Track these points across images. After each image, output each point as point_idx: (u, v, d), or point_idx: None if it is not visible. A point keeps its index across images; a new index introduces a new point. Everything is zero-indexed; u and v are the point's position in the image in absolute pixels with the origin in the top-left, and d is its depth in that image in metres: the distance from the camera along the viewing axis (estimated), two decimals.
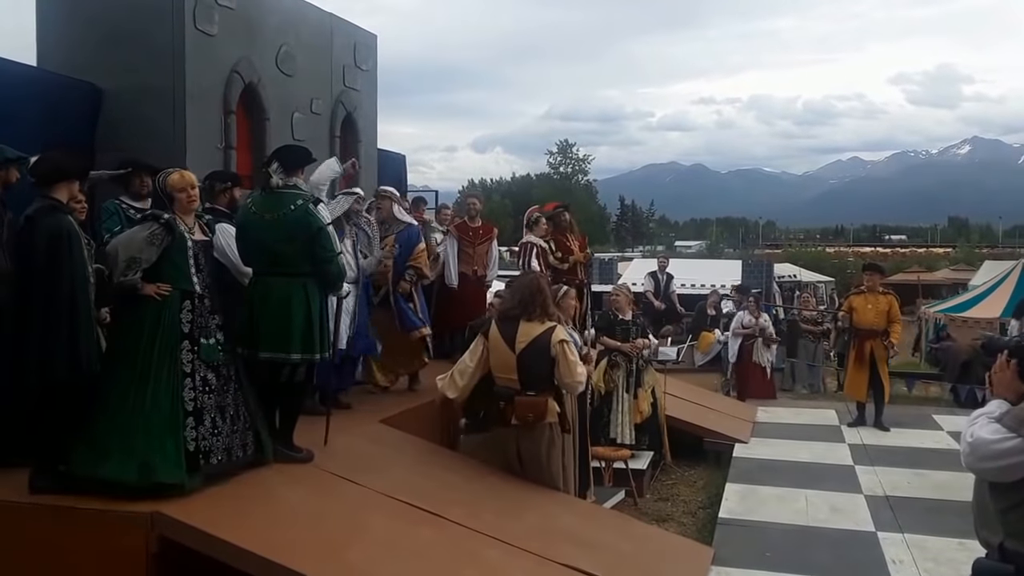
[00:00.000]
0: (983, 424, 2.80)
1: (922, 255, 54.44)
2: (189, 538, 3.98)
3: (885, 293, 9.95)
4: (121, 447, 4.17)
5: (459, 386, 5.78)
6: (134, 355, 4.30)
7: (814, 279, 33.60)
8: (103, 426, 4.23)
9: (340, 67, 7.94)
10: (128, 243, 4.36)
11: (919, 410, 10.90)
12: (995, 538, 2.80)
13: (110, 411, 4.25)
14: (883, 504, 6.65)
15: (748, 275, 19.78)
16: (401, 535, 4.64)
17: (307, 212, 5.11)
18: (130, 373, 4.28)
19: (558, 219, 9.10)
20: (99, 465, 4.14)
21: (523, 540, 4.88)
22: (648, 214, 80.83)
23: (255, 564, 3.88)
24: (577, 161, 69.60)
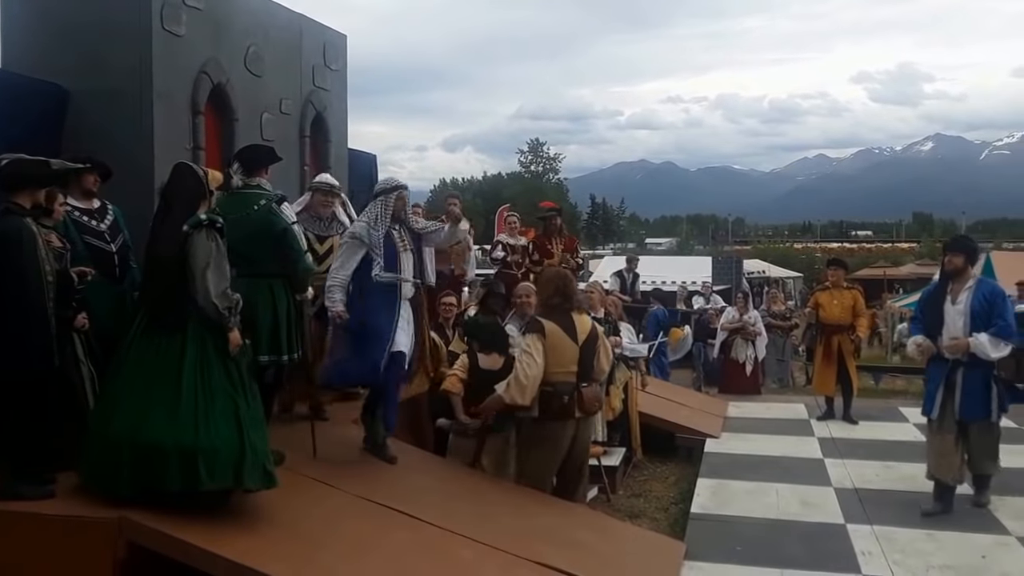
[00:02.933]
0: None
1: (888, 250, 55.27)
2: (157, 543, 3.95)
3: (850, 288, 10.11)
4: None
5: (531, 391, 5.57)
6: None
7: (783, 275, 34.01)
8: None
9: (309, 67, 7.90)
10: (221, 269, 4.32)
11: (887, 403, 11.07)
12: None
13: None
14: (852, 496, 6.74)
15: (718, 272, 19.98)
16: (375, 537, 4.64)
17: (270, 212, 5.09)
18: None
19: (548, 222, 9.14)
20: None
21: (497, 539, 4.90)
22: (619, 212, 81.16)
23: (224, 568, 3.86)
24: (548, 160, 69.75)
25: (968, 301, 6.11)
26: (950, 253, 6.38)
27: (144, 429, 4.07)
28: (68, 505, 4.09)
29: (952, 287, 6.26)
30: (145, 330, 4.31)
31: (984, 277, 6.68)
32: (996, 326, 6.03)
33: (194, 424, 4.08)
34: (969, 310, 6.08)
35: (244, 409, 4.24)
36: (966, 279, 6.26)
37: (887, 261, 42.05)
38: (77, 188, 5.09)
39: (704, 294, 16.07)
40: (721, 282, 18.72)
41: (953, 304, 6.17)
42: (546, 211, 9.56)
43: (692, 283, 17.63)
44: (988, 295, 6.16)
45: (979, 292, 6.16)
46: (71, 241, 4.81)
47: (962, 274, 6.27)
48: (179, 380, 4.14)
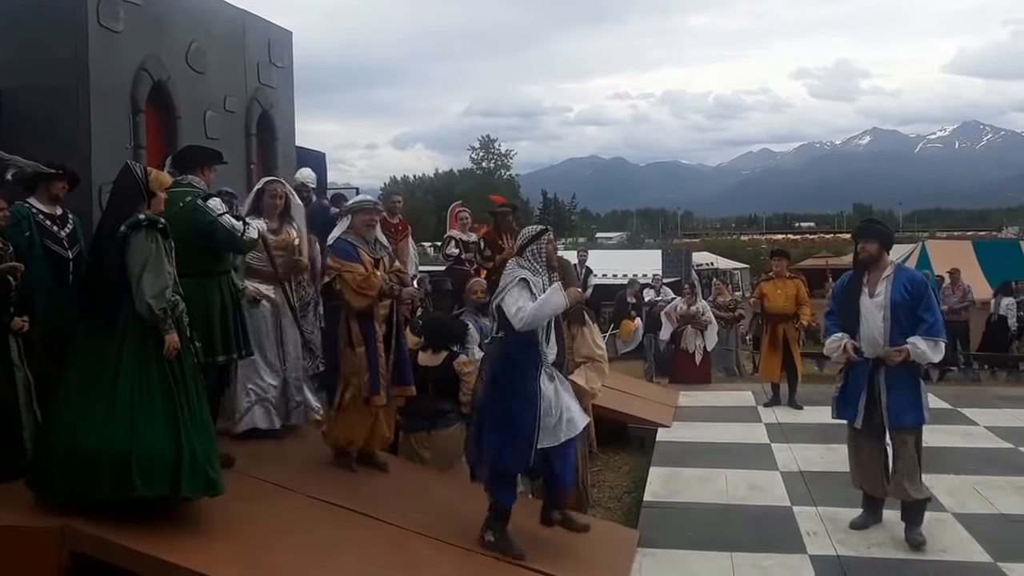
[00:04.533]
0: None
1: (830, 241, 56.18)
2: (101, 550, 3.88)
3: (792, 278, 10.37)
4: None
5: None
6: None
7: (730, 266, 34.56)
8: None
9: (254, 64, 7.82)
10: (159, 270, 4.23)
11: (830, 387, 11.25)
12: None
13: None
14: (798, 479, 6.91)
15: (668, 264, 20.23)
16: (331, 537, 4.62)
17: (195, 208, 5.03)
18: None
19: (501, 218, 9.15)
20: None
21: (454, 535, 4.92)
22: (570, 207, 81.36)
23: (171, 573, 3.81)
24: (499, 156, 69.70)
25: (887, 293, 5.45)
26: (863, 240, 5.68)
27: (78, 435, 3.97)
28: (7, 514, 4.00)
29: (868, 278, 5.60)
30: (86, 333, 4.22)
31: (903, 264, 5.87)
32: (926, 323, 5.36)
33: (129, 430, 3.97)
34: (889, 303, 5.43)
35: (185, 413, 4.14)
36: (883, 268, 5.56)
37: (829, 251, 42.73)
38: (45, 193, 5.13)
39: (654, 286, 16.25)
40: (671, 274, 18.96)
41: (871, 297, 5.51)
42: (499, 207, 9.58)
43: (643, 276, 17.82)
44: (909, 285, 5.46)
45: (898, 282, 5.48)
46: (12, 242, 4.73)
47: (878, 263, 5.58)
48: (115, 384, 4.04)
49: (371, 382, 5.38)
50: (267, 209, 5.94)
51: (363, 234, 5.57)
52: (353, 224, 5.56)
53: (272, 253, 5.83)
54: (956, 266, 15.10)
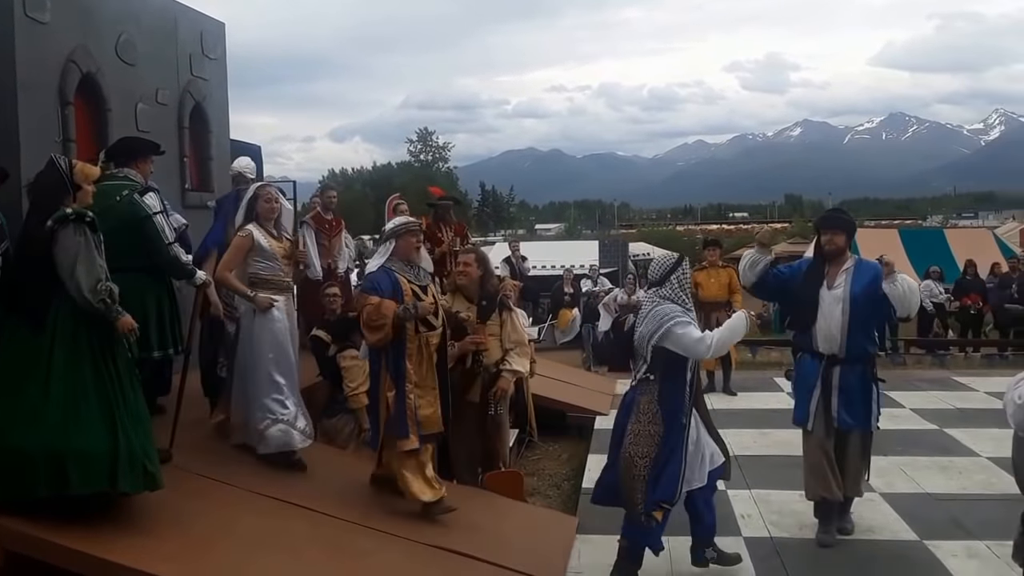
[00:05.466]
0: (1019, 385, 3.01)
1: None
2: (37, 549, 3.82)
3: (725, 267, 10.60)
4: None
5: None
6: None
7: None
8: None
9: (186, 55, 7.69)
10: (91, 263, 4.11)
11: (763, 374, 11.59)
12: None
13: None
14: (732, 463, 7.07)
15: (605, 255, 20.43)
16: (271, 531, 4.62)
17: (131, 202, 4.97)
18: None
19: (441, 210, 9.14)
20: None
21: (395, 526, 4.96)
22: (508, 199, 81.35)
23: (109, 571, 3.77)
24: (437, 149, 69.26)
25: (847, 286, 5.27)
26: (830, 231, 5.44)
27: (9, 433, 3.88)
28: None
29: (828, 269, 5.39)
30: (14, 329, 4.11)
31: (864, 258, 5.63)
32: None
33: (63, 426, 3.90)
34: (848, 295, 5.26)
35: (121, 408, 4.08)
36: (843, 260, 5.39)
37: None
38: None
39: (591, 277, 16.44)
40: (608, 265, 19.17)
41: (830, 289, 5.32)
42: (440, 199, 9.58)
43: (580, 267, 18.00)
44: (873, 281, 5.29)
45: (860, 277, 5.32)
46: None
47: (841, 254, 5.41)
48: (47, 381, 3.95)
49: (398, 424, 5.01)
50: (264, 215, 5.52)
51: (407, 259, 5.20)
52: (396, 249, 5.17)
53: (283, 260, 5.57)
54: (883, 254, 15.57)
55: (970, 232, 27.97)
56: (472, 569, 4.72)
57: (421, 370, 5.09)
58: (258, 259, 5.41)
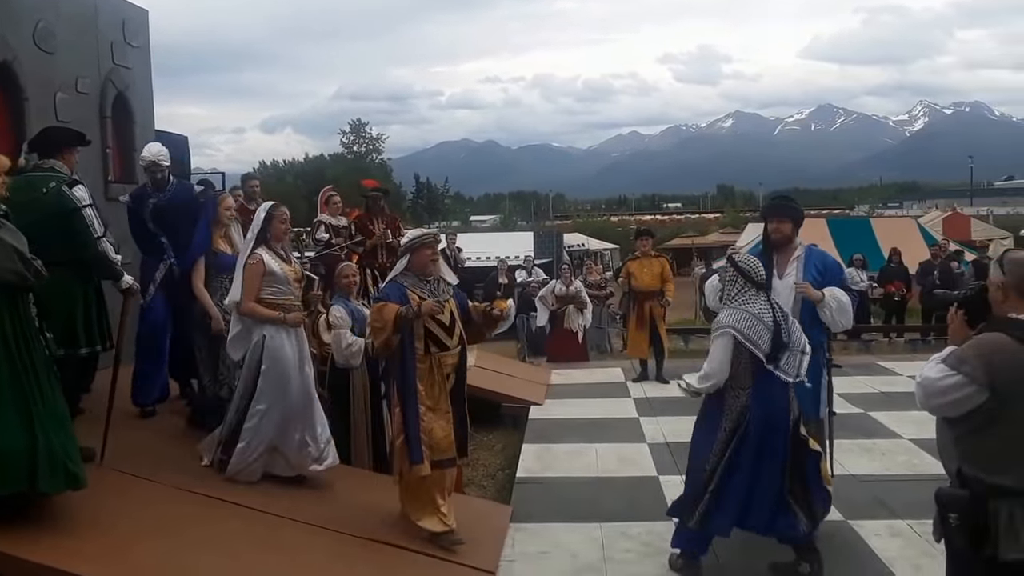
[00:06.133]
0: (931, 366, 3.04)
1: (695, 221, 58.47)
2: None
3: (658, 256, 10.76)
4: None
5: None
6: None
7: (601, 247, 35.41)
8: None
9: (108, 44, 7.48)
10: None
11: (695, 362, 11.72)
12: (952, 465, 3.07)
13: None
14: (664, 450, 7.21)
15: (540, 246, 20.52)
16: (199, 528, 4.55)
17: (59, 194, 4.84)
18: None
19: (373, 202, 9.06)
20: None
21: (328, 520, 4.92)
22: (443, 191, 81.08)
23: (26, 572, 3.68)
24: (371, 140, 68.42)
25: (798, 274, 5.26)
26: (776, 220, 5.41)
27: None
28: None
29: (778, 258, 5.36)
30: None
31: (813, 245, 5.56)
32: (839, 280, 5.32)
33: None
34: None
35: (39, 406, 3.95)
36: (793, 248, 5.36)
37: (695, 231, 44.52)
38: None
39: (526, 268, 16.52)
40: (543, 256, 19.27)
41: (780, 278, 5.28)
42: (369, 190, 9.52)
43: (515, 258, 18.09)
44: (822, 269, 5.29)
45: (810, 263, 5.31)
46: None
47: (788, 243, 5.39)
48: None
49: (411, 448, 4.73)
50: (276, 235, 5.31)
51: (423, 273, 4.93)
52: (411, 263, 4.92)
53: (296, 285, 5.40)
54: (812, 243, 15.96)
55: (895, 221, 28.89)
56: (406, 561, 4.70)
57: (434, 392, 4.81)
58: (270, 284, 5.21)
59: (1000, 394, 2.89)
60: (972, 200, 61.96)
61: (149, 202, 6.12)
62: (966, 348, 2.98)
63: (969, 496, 2.95)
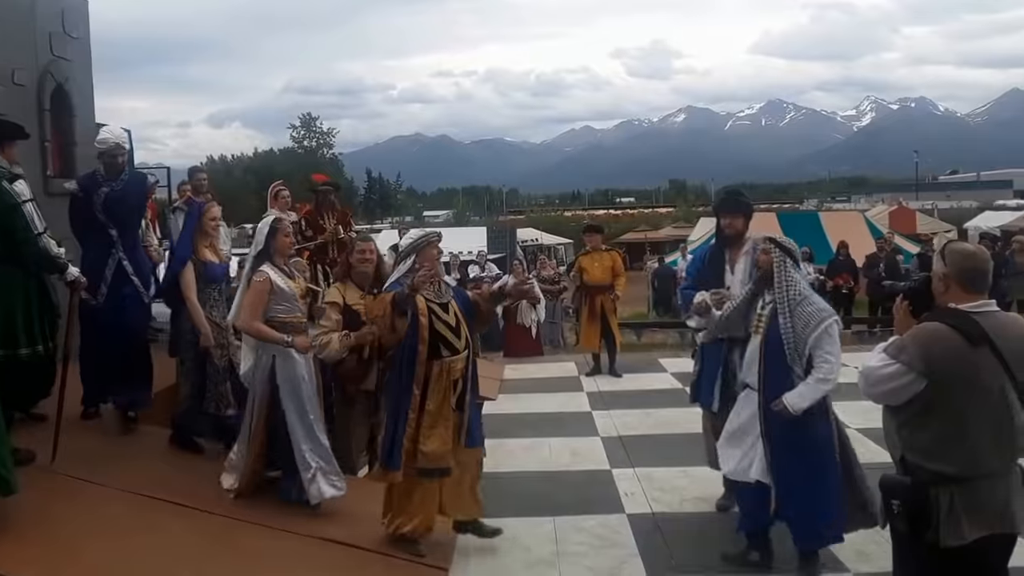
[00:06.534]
0: (872, 356, 3.10)
1: (648, 215, 58.75)
2: None
3: (608, 250, 10.80)
4: None
5: None
6: None
7: (554, 242, 35.49)
8: None
9: (45, 35, 7.27)
10: None
11: (648, 356, 11.90)
12: (896, 453, 3.12)
13: None
14: (617, 444, 7.26)
15: (493, 241, 20.45)
16: (147, 530, 4.47)
17: None
18: None
19: (323, 197, 8.92)
20: None
21: (276, 520, 4.87)
22: (396, 186, 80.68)
23: None
24: (321, 135, 67.75)
25: (749, 268, 5.33)
26: (728, 215, 5.47)
27: None
28: None
29: (730, 253, 5.46)
30: None
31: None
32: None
33: None
34: (751, 278, 5.20)
35: None
36: (745, 243, 5.44)
37: (648, 225, 44.82)
38: None
39: (479, 263, 16.48)
40: (496, 251, 19.23)
41: (733, 272, 5.39)
42: (320, 185, 9.38)
43: (468, 253, 18.03)
44: None
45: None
46: None
47: (740, 237, 5.46)
48: None
49: (386, 452, 4.63)
50: (280, 250, 5.17)
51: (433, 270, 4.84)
52: (417, 263, 4.77)
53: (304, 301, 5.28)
54: None
55: (843, 215, 29.41)
56: (361, 560, 4.67)
57: (437, 398, 4.63)
58: (277, 303, 5.06)
59: (937, 383, 2.95)
60: (918, 194, 63.32)
61: (101, 191, 5.66)
62: (906, 337, 3.04)
63: (911, 483, 3.01)
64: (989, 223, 29.77)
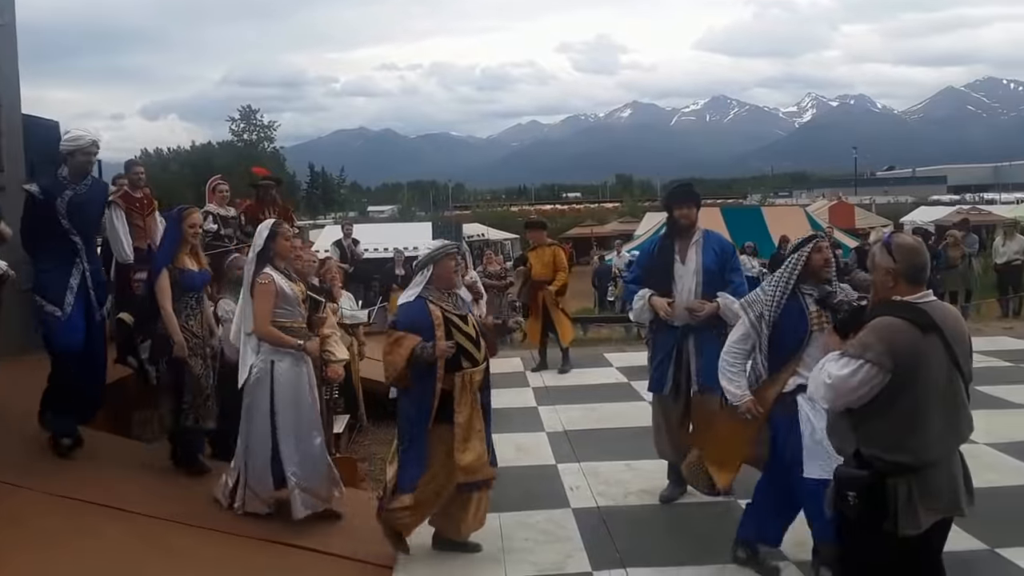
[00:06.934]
0: (832, 363, 3.08)
1: (595, 210, 59.15)
2: None
3: (551, 246, 10.76)
4: None
5: None
6: None
7: (501, 237, 35.47)
8: None
9: None
10: None
11: (594, 350, 11.92)
12: (850, 447, 3.10)
13: None
14: (562, 439, 7.24)
15: (439, 236, 20.36)
16: (77, 534, 4.33)
17: None
18: None
19: (264, 192, 8.74)
20: None
21: (214, 522, 4.78)
22: (339, 180, 79.51)
23: None
24: (262, 128, 66.25)
25: (699, 258, 5.43)
26: (684, 206, 5.51)
27: None
28: None
29: (679, 244, 5.52)
30: None
31: (708, 229, 5.73)
32: (733, 284, 5.42)
33: None
34: (701, 268, 5.43)
35: None
36: (693, 233, 5.51)
37: (594, 220, 45.07)
38: None
39: None
40: None
41: (684, 263, 5.46)
42: (260, 179, 9.20)
43: (413, 248, 17.88)
44: (719, 251, 5.51)
45: (708, 247, 5.50)
46: None
47: (693, 227, 5.53)
48: None
49: (400, 476, 4.61)
50: (281, 254, 5.06)
51: (450, 284, 4.76)
52: (435, 276, 4.68)
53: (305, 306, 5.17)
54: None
55: (784, 209, 29.96)
56: (304, 560, 4.61)
57: (466, 411, 4.58)
58: (280, 306, 4.95)
59: (900, 374, 2.98)
60: (856, 189, 64.76)
61: (65, 194, 5.22)
62: (865, 336, 3.05)
63: (869, 475, 3.02)
64: (924, 218, 30.64)
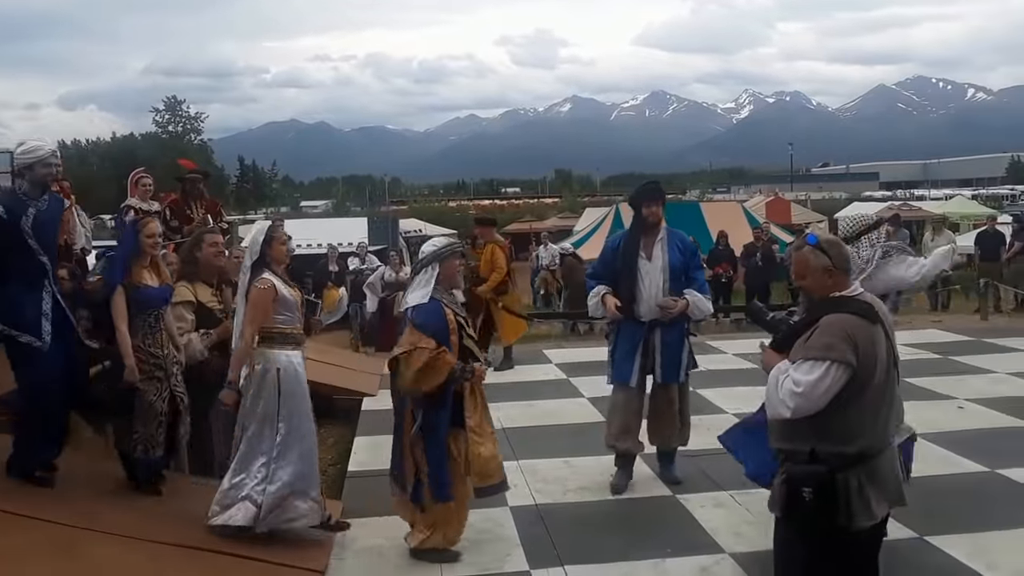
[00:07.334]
0: (796, 371, 3.02)
1: (534, 205, 59.19)
2: None
3: (486, 244, 10.63)
4: None
5: None
6: None
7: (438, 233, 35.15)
8: None
9: None
10: None
11: (533, 347, 11.86)
12: (805, 446, 3.07)
13: None
14: (500, 436, 7.10)
15: (374, 232, 20.10)
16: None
17: None
18: None
19: (190, 186, 8.43)
20: None
21: (134, 529, 4.58)
22: (270, 174, 77.79)
23: None
24: (188, 119, 64.23)
25: (664, 255, 5.56)
26: (652, 203, 5.63)
27: None
28: None
29: (644, 241, 5.62)
30: None
31: (671, 227, 5.80)
32: (698, 282, 5.66)
33: None
34: (667, 264, 5.54)
35: None
36: (658, 230, 5.62)
37: (533, 215, 45.08)
38: None
39: (359, 255, 16.14)
40: (378, 242, 18.88)
41: (649, 260, 5.57)
42: (186, 172, 8.89)
43: (348, 244, 17.63)
44: (683, 248, 5.65)
45: (672, 244, 5.62)
46: None
47: (659, 224, 5.64)
48: None
49: (433, 486, 4.58)
50: (277, 258, 4.91)
51: (452, 286, 4.72)
52: (440, 275, 4.62)
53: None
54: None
55: (723, 205, 30.40)
56: (232, 567, 4.46)
57: (476, 415, 4.66)
58: (280, 312, 4.77)
59: (860, 369, 3.01)
60: (792, 185, 66.20)
61: (29, 212, 4.74)
62: (822, 337, 3.03)
63: (826, 471, 3.02)
64: (857, 213, 31.33)
